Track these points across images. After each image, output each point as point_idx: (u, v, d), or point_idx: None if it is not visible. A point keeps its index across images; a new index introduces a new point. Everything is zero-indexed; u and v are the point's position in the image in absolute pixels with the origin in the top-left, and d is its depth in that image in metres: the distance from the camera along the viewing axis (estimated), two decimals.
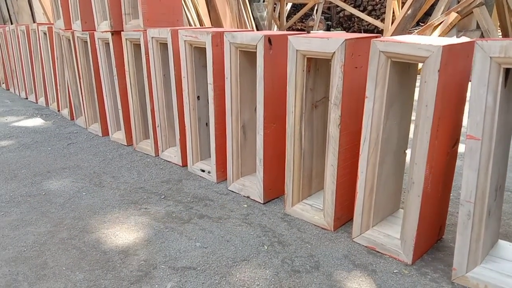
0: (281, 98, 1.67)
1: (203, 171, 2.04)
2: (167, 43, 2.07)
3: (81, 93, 2.85)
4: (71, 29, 2.79)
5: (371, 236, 1.42)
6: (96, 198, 1.84)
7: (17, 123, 3.15)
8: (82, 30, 2.61)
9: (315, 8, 13.44)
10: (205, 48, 1.89)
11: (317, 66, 1.52)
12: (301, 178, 1.61)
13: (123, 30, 2.35)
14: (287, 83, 1.51)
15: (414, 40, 1.22)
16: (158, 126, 2.28)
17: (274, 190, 1.78)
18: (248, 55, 1.71)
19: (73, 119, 3.13)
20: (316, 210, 1.58)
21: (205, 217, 1.65)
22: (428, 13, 8.66)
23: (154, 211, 1.70)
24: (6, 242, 1.50)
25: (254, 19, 10.34)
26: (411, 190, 1.27)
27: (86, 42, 2.63)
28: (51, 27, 3.17)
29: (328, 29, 14.70)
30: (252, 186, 1.80)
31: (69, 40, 2.84)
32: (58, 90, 3.29)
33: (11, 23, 8.47)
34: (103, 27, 2.45)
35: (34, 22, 8.81)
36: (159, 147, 2.33)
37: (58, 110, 3.38)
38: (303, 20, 15.28)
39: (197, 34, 1.84)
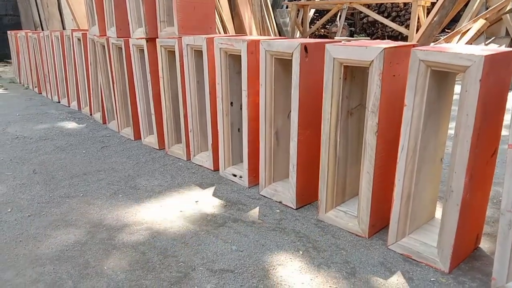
0: (315, 105, 1.69)
1: (234, 175, 2.08)
2: (201, 50, 2.11)
3: (114, 98, 2.93)
4: (105, 35, 2.87)
5: (407, 244, 1.42)
6: (131, 200, 1.89)
7: (51, 126, 3.25)
8: (117, 37, 2.69)
9: (339, 14, 13.41)
10: (239, 55, 1.93)
11: (353, 74, 1.54)
12: (335, 185, 1.62)
13: (157, 37, 2.41)
14: (324, 91, 1.53)
15: (455, 49, 1.22)
16: (190, 131, 2.33)
17: (306, 196, 1.79)
18: (283, 63, 1.74)
19: (105, 123, 3.22)
20: (351, 217, 1.59)
21: (239, 221, 1.68)
22: (455, 20, 8.55)
23: (189, 214, 1.74)
24: (49, 241, 1.56)
25: (277, 25, 10.39)
26: (450, 199, 1.27)
27: (121, 48, 2.70)
28: (86, 33, 3.27)
29: (351, 35, 14.65)
30: (284, 191, 1.82)
31: (104, 46, 2.93)
32: (91, 95, 3.39)
33: (42, 29, 8.73)
34: (138, 34, 2.52)
35: (63, 28, 9.07)
36: (191, 152, 2.37)
37: (91, 114, 3.47)
38: (326, 26, 15.27)
39: (232, 42, 1.88)
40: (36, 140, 2.87)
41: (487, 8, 6.26)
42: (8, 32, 5.97)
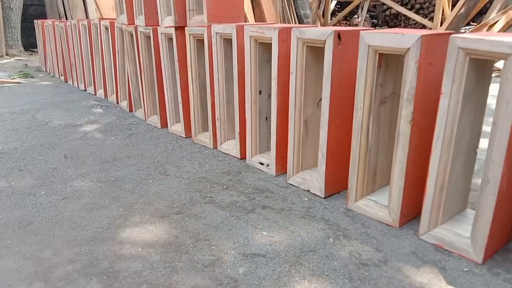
0: (347, 94, 1.69)
1: (261, 164, 2.09)
2: (231, 39, 2.12)
3: (142, 86, 2.97)
4: (134, 24, 2.90)
5: (439, 234, 1.41)
6: (162, 185, 1.92)
7: (79, 113, 3.31)
8: (145, 25, 2.72)
9: (361, 6, 13.23)
10: (269, 43, 1.93)
11: (388, 62, 1.53)
12: (366, 174, 1.62)
13: (186, 26, 2.43)
14: (357, 78, 1.52)
15: (495, 37, 1.20)
16: (217, 120, 2.35)
17: (335, 185, 1.79)
18: (314, 50, 1.74)
19: (132, 110, 3.26)
20: (381, 206, 1.59)
21: (267, 208, 1.69)
22: (481, 13, 8.35)
23: (219, 200, 1.76)
24: (83, 223, 1.60)
25: (297, 17, 10.32)
26: (486, 188, 1.26)
27: (149, 37, 2.73)
28: (113, 22, 3.31)
29: (373, 27, 14.46)
30: (312, 180, 1.82)
31: (132, 34, 2.96)
32: (118, 83, 3.44)
33: (66, 19, 8.86)
34: (166, 23, 2.54)
35: (87, 17, 9.18)
36: (217, 140, 2.39)
37: (117, 102, 3.53)
38: (348, 18, 15.10)
39: (263, 29, 1.88)
40: (64, 126, 2.93)
41: None
42: (35, 21, 6.08)
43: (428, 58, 1.37)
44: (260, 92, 2.05)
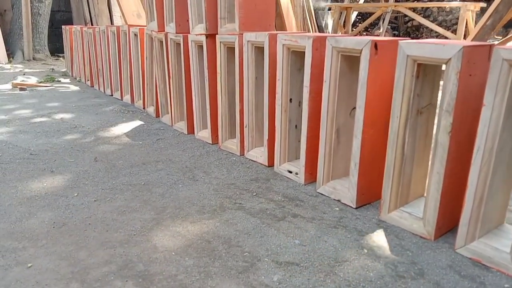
0: (381, 103, 1.68)
1: (290, 172, 2.08)
2: (262, 47, 2.14)
3: (170, 93, 3.00)
4: (164, 31, 2.95)
5: (476, 248, 1.38)
6: (192, 190, 1.93)
7: (106, 117, 3.37)
8: (176, 33, 2.76)
9: (382, 17, 13.19)
10: (301, 51, 1.94)
11: (426, 72, 1.51)
12: (400, 185, 1.60)
13: (217, 34, 2.46)
14: (394, 88, 1.51)
15: None
16: (245, 127, 2.36)
17: (366, 195, 1.78)
18: (348, 59, 1.74)
19: (158, 116, 3.30)
20: (415, 218, 1.57)
21: (298, 216, 1.68)
22: (509, 25, 8.26)
23: (249, 207, 1.76)
24: (116, 225, 1.62)
25: (318, 27, 10.33)
26: None
27: (179, 44, 2.77)
28: (143, 28, 3.38)
29: None
30: (343, 190, 1.81)
31: (161, 41, 3.01)
32: (145, 89, 3.49)
33: (92, 25, 9.06)
34: (197, 30, 2.57)
35: (111, 24, 9.37)
36: (245, 147, 2.40)
37: (144, 108, 3.57)
38: (368, 29, 15.07)
39: (297, 38, 1.89)
40: (93, 130, 2.98)
41: None
42: (63, 26, 6.23)
43: (469, 69, 1.36)
44: (290, 100, 2.05)
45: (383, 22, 13.28)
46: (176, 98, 2.96)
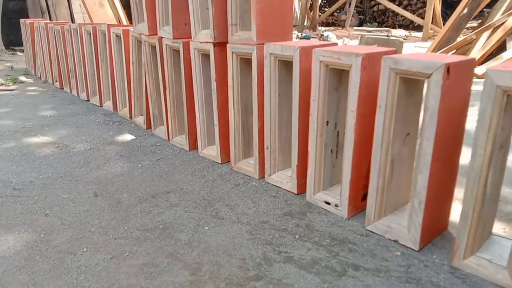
0: (449, 133, 1.46)
1: (327, 203, 1.84)
2: (288, 60, 1.86)
3: (165, 104, 2.67)
4: (156, 35, 2.60)
5: None
6: (222, 234, 1.65)
7: (91, 132, 2.98)
8: (173, 38, 2.42)
9: (348, 2, 13.08)
10: (341, 69, 1.68)
11: (509, 102, 1.30)
12: (478, 228, 1.40)
13: (227, 42, 2.15)
14: (478, 123, 1.29)
15: None
16: (267, 148, 2.08)
17: (427, 235, 1.57)
18: (408, 82, 1.50)
19: (150, 128, 2.96)
20: (497, 266, 1.37)
21: (360, 268, 1.45)
22: (480, 12, 8.33)
23: (298, 257, 1.51)
24: None
25: None
26: None
27: (178, 51, 2.43)
28: (127, 30, 3.00)
29: (360, 23, 14.35)
30: (400, 228, 1.59)
31: (153, 47, 2.65)
32: (131, 96, 3.12)
33: (49, 15, 8.36)
34: (202, 37, 2.25)
35: (71, 14, 8.69)
36: (265, 170, 2.13)
37: (130, 117, 3.21)
38: (335, 14, 14.92)
39: (340, 55, 1.62)
40: (80, 151, 2.61)
41: None
42: (21, 21, 5.63)
43: None
44: (327, 122, 1.80)
45: (349, 7, 13.17)
46: (174, 110, 2.64)
